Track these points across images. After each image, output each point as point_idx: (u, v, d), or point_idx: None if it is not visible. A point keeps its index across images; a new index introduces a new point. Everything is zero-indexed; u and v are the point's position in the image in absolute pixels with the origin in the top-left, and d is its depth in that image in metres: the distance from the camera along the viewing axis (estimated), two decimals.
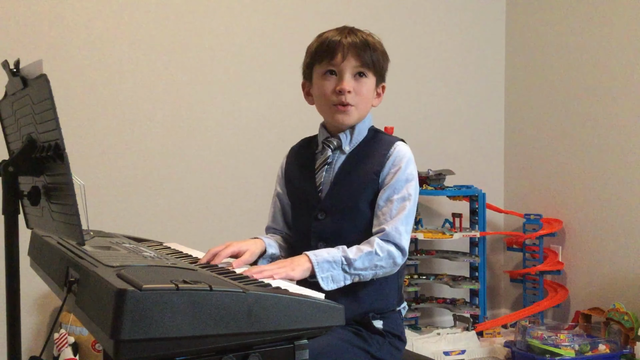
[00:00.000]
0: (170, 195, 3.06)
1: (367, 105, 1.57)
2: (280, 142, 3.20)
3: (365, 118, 1.59)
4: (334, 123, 1.57)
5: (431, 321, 3.61)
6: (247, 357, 0.97)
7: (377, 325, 1.49)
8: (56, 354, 2.66)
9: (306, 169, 1.61)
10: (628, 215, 3.16)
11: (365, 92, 1.55)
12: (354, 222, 1.51)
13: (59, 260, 1.29)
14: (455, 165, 3.53)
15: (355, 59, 1.52)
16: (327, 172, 1.57)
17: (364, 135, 1.59)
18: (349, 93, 1.52)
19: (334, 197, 1.54)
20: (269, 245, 1.58)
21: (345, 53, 1.51)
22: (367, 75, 1.54)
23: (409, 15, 3.62)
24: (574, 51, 3.47)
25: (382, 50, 1.58)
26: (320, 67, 1.55)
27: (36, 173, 1.20)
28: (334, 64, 1.52)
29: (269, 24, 3.27)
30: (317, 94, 1.58)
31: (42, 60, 1.15)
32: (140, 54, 3.01)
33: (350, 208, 1.51)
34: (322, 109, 1.59)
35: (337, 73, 1.53)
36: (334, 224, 1.53)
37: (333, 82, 1.53)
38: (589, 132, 3.37)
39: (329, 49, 1.52)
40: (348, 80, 1.52)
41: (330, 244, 1.50)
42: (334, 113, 1.54)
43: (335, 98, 1.53)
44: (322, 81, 1.55)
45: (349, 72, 1.52)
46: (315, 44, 1.57)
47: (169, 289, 0.89)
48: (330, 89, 1.53)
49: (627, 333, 2.92)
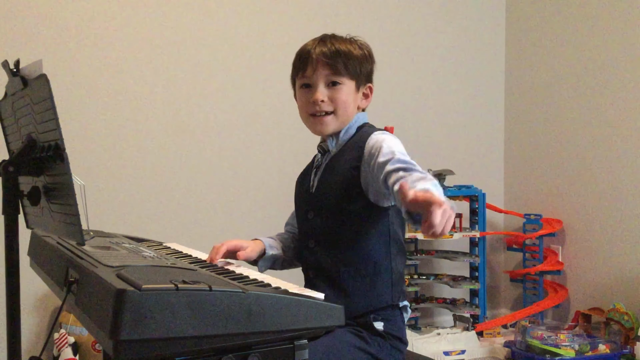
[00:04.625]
0: (170, 195, 3.06)
1: (347, 110, 1.57)
2: (281, 142, 3.20)
3: (352, 120, 1.60)
4: (314, 133, 1.62)
5: (431, 321, 3.61)
6: (247, 357, 0.97)
7: (377, 327, 1.49)
8: (56, 354, 2.66)
9: (306, 175, 1.67)
10: (628, 215, 3.15)
11: (343, 98, 1.55)
12: (340, 220, 1.53)
13: (59, 260, 1.29)
14: (455, 165, 3.53)
15: (325, 69, 1.54)
16: (316, 175, 1.62)
17: (351, 135, 1.60)
18: (323, 102, 1.54)
19: (319, 196, 1.58)
20: (269, 247, 1.63)
21: (315, 65, 1.54)
22: (341, 82, 1.55)
23: (409, 15, 3.62)
24: (574, 51, 3.47)
25: (361, 54, 1.58)
26: (298, 80, 1.60)
27: (36, 173, 1.20)
28: (307, 76, 1.56)
29: (270, 23, 3.26)
30: (298, 105, 1.64)
31: (42, 60, 1.15)
32: (140, 54, 3.01)
33: (335, 206, 1.53)
34: (303, 120, 1.63)
35: (311, 85, 1.57)
36: (322, 223, 1.56)
37: (308, 94, 1.57)
38: (589, 132, 3.37)
39: (301, 61, 1.57)
40: (320, 91, 1.54)
41: (319, 242, 1.56)
42: (312, 124, 1.59)
43: (310, 108, 1.57)
44: (299, 93, 1.61)
45: (322, 82, 1.55)
46: (295, 56, 1.62)
47: (168, 289, 0.89)
48: (305, 100, 1.58)
49: (627, 333, 2.92)
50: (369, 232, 1.52)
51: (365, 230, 1.52)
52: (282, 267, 1.70)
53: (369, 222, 1.52)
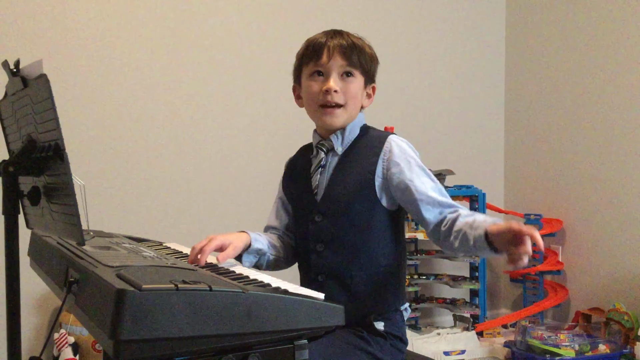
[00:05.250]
0: (170, 195, 3.06)
1: (356, 105, 1.56)
2: (280, 143, 3.20)
3: (355, 118, 1.58)
4: (322, 125, 1.58)
5: (431, 321, 3.61)
6: (247, 357, 0.97)
7: (378, 327, 1.49)
8: (56, 354, 2.66)
9: (303, 174, 1.62)
10: (628, 216, 3.15)
11: (354, 91, 1.54)
12: (352, 223, 1.51)
13: (59, 260, 1.29)
14: (455, 165, 3.53)
15: (341, 59, 1.52)
16: (322, 175, 1.57)
17: (356, 134, 1.58)
18: (336, 92, 1.51)
19: (330, 198, 1.54)
20: (254, 240, 1.53)
21: (331, 53, 1.51)
22: (354, 75, 1.54)
23: (409, 15, 3.62)
24: (574, 51, 3.47)
25: (370, 53, 1.58)
26: (308, 69, 1.56)
27: (36, 173, 1.20)
28: (321, 64, 1.53)
29: (270, 23, 3.26)
30: (305, 95, 1.58)
31: (42, 60, 1.15)
32: (140, 54, 3.01)
33: (346, 209, 1.51)
34: (310, 111, 1.59)
35: (323, 73, 1.53)
36: (332, 226, 1.52)
37: (320, 83, 1.53)
38: (589, 133, 3.37)
39: (315, 50, 1.53)
40: (335, 80, 1.52)
41: (328, 246, 1.51)
42: (321, 115, 1.54)
43: (322, 98, 1.52)
44: (309, 82, 1.55)
45: (336, 72, 1.52)
46: (303, 47, 1.59)
47: (168, 289, 0.89)
48: (317, 89, 1.53)
49: (627, 333, 2.92)
50: (379, 235, 1.51)
51: (376, 233, 1.51)
52: (267, 266, 1.60)
53: (379, 224, 1.51)
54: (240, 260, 1.53)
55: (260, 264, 1.59)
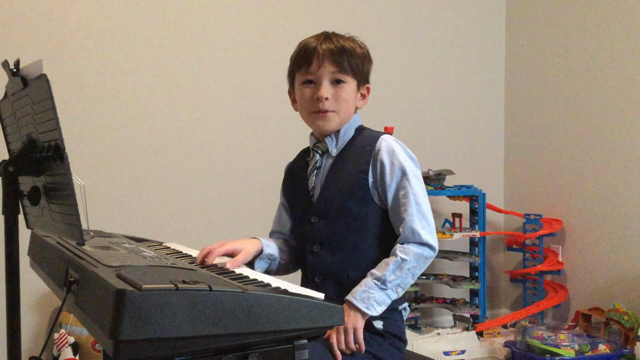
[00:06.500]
0: (170, 195, 3.06)
1: (348, 109, 1.57)
2: (280, 143, 3.20)
3: (350, 120, 1.59)
4: (316, 129, 1.60)
5: (431, 321, 3.61)
6: (247, 357, 0.97)
7: (377, 326, 1.49)
8: (56, 354, 2.66)
9: (300, 176, 1.64)
10: (628, 216, 3.16)
11: (345, 96, 1.55)
12: (347, 223, 1.52)
13: (59, 260, 1.29)
14: (455, 165, 3.53)
15: (331, 65, 1.53)
16: (317, 177, 1.59)
17: (351, 135, 1.60)
18: (327, 100, 1.53)
19: (324, 200, 1.55)
20: (266, 246, 1.57)
21: (321, 61, 1.52)
22: (345, 81, 1.55)
23: (409, 15, 3.62)
24: (574, 51, 3.47)
25: (363, 53, 1.59)
26: (300, 76, 1.58)
27: (36, 173, 1.20)
28: (311, 72, 1.54)
29: (270, 23, 3.26)
30: (298, 101, 1.61)
31: (42, 60, 1.15)
32: (140, 54, 3.01)
33: (341, 209, 1.52)
34: (303, 116, 1.61)
35: (314, 81, 1.55)
36: (328, 226, 1.54)
37: (311, 90, 1.55)
38: (588, 133, 3.37)
39: (305, 56, 1.55)
40: (325, 88, 1.53)
41: (326, 246, 1.53)
42: (314, 120, 1.56)
43: (314, 105, 1.54)
44: (301, 89, 1.57)
45: (327, 79, 1.53)
46: (295, 51, 1.60)
47: (168, 289, 0.89)
48: (309, 96, 1.55)
49: (627, 333, 2.92)
50: (374, 234, 1.52)
51: (371, 232, 1.52)
52: (277, 271, 1.63)
53: (374, 224, 1.52)
54: (253, 266, 1.55)
55: (271, 269, 1.61)
